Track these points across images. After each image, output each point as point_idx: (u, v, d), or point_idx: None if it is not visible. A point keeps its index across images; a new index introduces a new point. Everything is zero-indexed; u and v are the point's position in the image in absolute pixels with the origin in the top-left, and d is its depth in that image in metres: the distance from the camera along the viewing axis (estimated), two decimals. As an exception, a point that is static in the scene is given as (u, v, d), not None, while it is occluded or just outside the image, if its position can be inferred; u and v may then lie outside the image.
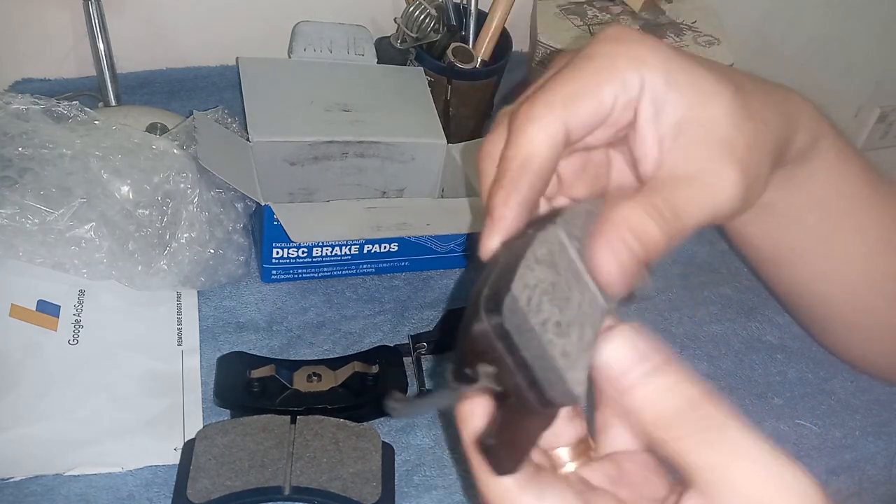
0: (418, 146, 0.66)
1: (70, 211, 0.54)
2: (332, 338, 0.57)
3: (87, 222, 0.54)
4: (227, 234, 0.58)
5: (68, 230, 0.54)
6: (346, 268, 0.61)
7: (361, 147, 0.65)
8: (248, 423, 0.48)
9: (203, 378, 0.53)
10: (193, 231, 0.55)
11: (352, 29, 0.73)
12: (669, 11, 0.86)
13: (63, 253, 0.54)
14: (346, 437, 0.48)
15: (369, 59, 0.72)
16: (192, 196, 0.56)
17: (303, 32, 0.71)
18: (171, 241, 0.55)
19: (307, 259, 0.59)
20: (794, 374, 0.61)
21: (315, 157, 0.64)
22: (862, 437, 0.57)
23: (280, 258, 0.59)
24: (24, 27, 0.73)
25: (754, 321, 0.64)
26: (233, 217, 0.58)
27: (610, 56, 0.31)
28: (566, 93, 0.31)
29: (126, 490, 0.47)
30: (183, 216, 0.55)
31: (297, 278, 0.60)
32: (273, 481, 0.45)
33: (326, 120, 0.65)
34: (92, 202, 0.54)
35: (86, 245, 0.54)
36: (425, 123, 0.68)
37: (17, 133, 0.54)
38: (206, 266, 0.57)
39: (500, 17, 0.74)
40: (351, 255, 0.60)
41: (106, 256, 0.54)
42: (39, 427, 0.49)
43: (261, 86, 0.66)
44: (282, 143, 0.63)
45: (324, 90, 0.67)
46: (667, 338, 0.62)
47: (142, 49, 0.77)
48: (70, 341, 0.53)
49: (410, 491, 0.49)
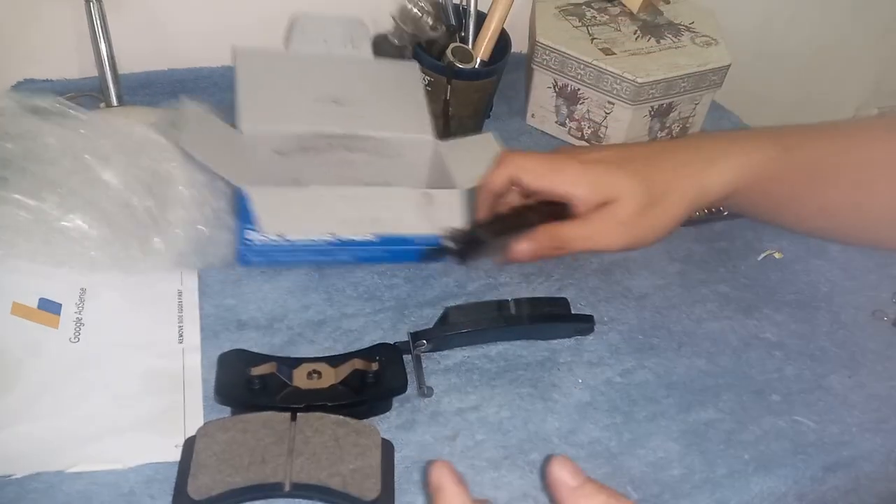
0: (406, 141, 0.66)
1: (60, 201, 0.54)
2: (333, 335, 0.58)
3: (77, 211, 0.54)
4: (214, 212, 0.59)
5: (59, 220, 0.54)
6: (323, 254, 0.62)
7: (349, 140, 0.65)
8: (248, 420, 0.48)
9: (204, 375, 0.53)
10: (183, 209, 0.57)
11: (349, 23, 0.73)
12: (667, 12, 0.86)
13: (57, 244, 0.54)
14: (346, 433, 0.48)
15: (365, 52, 0.72)
16: (180, 177, 0.57)
17: (300, 25, 0.72)
18: (162, 220, 0.56)
19: (284, 243, 0.60)
20: (791, 371, 0.61)
21: (303, 147, 0.64)
22: (859, 433, 0.57)
23: (255, 241, 0.59)
24: (27, 28, 0.74)
25: (752, 318, 0.65)
26: (219, 197, 0.59)
27: (562, 169, 0.57)
28: (526, 170, 0.58)
29: (127, 486, 0.47)
30: (172, 196, 0.56)
31: (273, 262, 0.61)
32: (273, 477, 0.46)
33: (316, 112, 0.65)
34: (80, 191, 0.54)
35: (78, 234, 0.55)
36: (415, 119, 0.68)
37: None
38: (197, 244, 0.58)
39: (499, 17, 0.74)
40: (328, 242, 0.60)
41: (98, 243, 0.55)
42: (41, 424, 0.49)
43: (254, 76, 0.67)
44: (270, 133, 0.63)
45: (317, 82, 0.68)
46: (665, 335, 0.62)
47: (143, 49, 0.77)
48: (71, 339, 0.54)
49: (410, 488, 0.49)
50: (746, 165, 0.57)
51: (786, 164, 0.57)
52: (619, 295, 0.65)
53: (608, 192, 0.56)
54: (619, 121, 0.78)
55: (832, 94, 1.28)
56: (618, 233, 0.56)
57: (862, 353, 0.64)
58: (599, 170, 0.57)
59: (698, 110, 0.83)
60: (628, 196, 0.56)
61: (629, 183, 0.56)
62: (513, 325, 0.57)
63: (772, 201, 0.60)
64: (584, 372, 0.58)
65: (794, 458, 0.55)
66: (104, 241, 0.55)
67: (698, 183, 0.57)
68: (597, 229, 0.56)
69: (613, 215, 0.56)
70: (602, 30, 0.81)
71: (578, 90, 0.79)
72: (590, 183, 0.56)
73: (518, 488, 0.50)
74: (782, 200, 0.59)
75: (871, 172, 0.57)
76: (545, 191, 0.58)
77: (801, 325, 0.65)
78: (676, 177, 0.57)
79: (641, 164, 0.58)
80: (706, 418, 0.57)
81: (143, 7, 0.76)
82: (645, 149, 0.60)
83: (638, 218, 0.56)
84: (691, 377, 0.59)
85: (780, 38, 1.15)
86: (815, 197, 0.58)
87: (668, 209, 0.57)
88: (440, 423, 0.53)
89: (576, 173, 0.57)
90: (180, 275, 0.59)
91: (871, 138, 0.58)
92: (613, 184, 0.56)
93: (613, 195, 0.56)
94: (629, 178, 0.57)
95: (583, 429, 0.54)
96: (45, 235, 0.54)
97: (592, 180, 0.57)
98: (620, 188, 0.56)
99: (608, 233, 0.56)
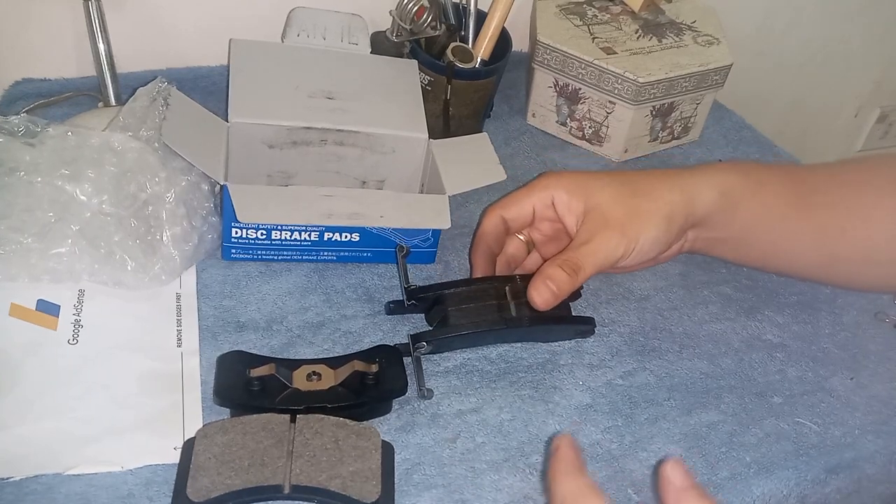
0: (398, 139, 0.66)
1: (43, 232, 0.54)
2: (332, 337, 0.58)
3: (63, 240, 0.54)
4: (202, 218, 0.59)
5: (46, 251, 0.54)
6: (307, 253, 0.61)
7: (340, 135, 0.65)
8: (247, 422, 0.48)
9: (203, 377, 0.53)
10: (176, 227, 0.57)
11: (347, 17, 0.72)
12: (669, 11, 0.86)
13: (48, 272, 0.55)
14: (345, 435, 0.48)
15: (363, 48, 0.71)
16: (168, 196, 0.57)
17: (297, 18, 0.71)
18: (158, 244, 0.57)
19: (266, 241, 0.60)
20: (793, 373, 0.61)
21: (293, 141, 0.64)
22: (861, 435, 0.57)
23: (239, 238, 0.59)
24: (25, 27, 0.73)
25: (754, 320, 0.65)
26: (204, 199, 0.60)
27: (535, 184, 0.60)
28: (506, 201, 0.61)
29: (126, 489, 0.47)
30: (163, 217, 0.57)
31: (257, 259, 0.61)
32: (273, 480, 0.46)
33: (308, 106, 0.65)
34: (64, 218, 0.54)
35: (67, 260, 0.55)
36: (409, 116, 0.67)
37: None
38: (190, 255, 0.59)
39: (499, 16, 0.74)
40: (311, 241, 0.60)
41: (88, 268, 0.55)
42: (39, 426, 0.49)
43: (248, 68, 0.66)
44: (259, 126, 0.63)
45: (311, 76, 0.67)
46: (667, 337, 0.62)
47: (142, 49, 0.77)
48: (70, 341, 0.53)
49: (410, 490, 0.49)
50: (727, 182, 0.59)
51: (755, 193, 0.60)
52: (620, 297, 0.65)
53: (586, 191, 0.58)
54: (620, 120, 0.78)
55: (833, 94, 1.28)
56: (611, 233, 0.56)
57: (864, 355, 0.63)
58: (575, 173, 0.60)
59: (700, 110, 0.83)
60: (607, 189, 0.57)
61: (605, 179, 0.59)
62: (513, 327, 0.57)
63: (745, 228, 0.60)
64: (584, 374, 0.58)
65: (796, 460, 0.55)
66: (92, 265, 0.55)
67: (680, 185, 0.58)
68: (593, 237, 0.56)
69: (600, 215, 0.57)
70: (603, 29, 0.81)
71: (579, 90, 0.78)
72: (565, 186, 0.59)
73: (519, 491, 0.50)
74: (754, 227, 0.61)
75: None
76: (525, 208, 0.60)
77: (803, 327, 0.65)
78: (658, 177, 0.59)
79: (616, 173, 0.61)
80: (708, 420, 0.56)
81: (142, 6, 0.76)
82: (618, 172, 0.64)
83: (625, 210, 0.56)
84: (693, 379, 0.59)
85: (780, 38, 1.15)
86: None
87: (655, 200, 0.57)
88: (440, 425, 0.53)
89: (549, 181, 0.60)
90: (178, 276, 0.59)
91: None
92: (589, 184, 0.58)
93: (593, 192, 0.57)
94: (604, 176, 0.60)
95: (584, 431, 0.54)
96: (31, 270, 0.55)
97: (568, 182, 0.59)
98: (596, 184, 0.58)
99: (605, 237, 0.56)
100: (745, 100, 0.95)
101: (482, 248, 0.59)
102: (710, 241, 0.62)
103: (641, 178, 0.60)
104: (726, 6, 0.90)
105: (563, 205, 0.59)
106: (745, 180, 0.60)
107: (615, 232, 0.56)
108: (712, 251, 0.64)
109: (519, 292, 0.57)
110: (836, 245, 0.60)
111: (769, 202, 0.60)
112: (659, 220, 0.57)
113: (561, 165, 0.79)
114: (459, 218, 0.68)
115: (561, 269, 0.55)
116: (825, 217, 0.60)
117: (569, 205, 0.58)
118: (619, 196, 0.57)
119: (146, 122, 0.59)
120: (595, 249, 0.56)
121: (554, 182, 0.59)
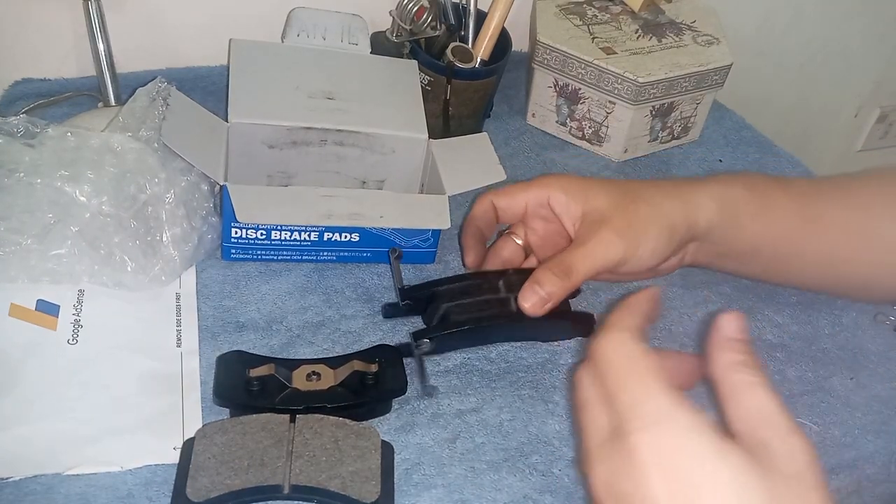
0: (398, 139, 0.66)
1: (43, 233, 0.54)
2: (332, 336, 0.58)
3: (62, 241, 0.54)
4: (202, 218, 0.60)
5: (46, 252, 0.54)
6: (306, 253, 0.62)
7: (340, 136, 0.65)
8: (247, 422, 0.48)
9: (202, 377, 0.53)
10: (175, 228, 0.57)
11: (347, 17, 0.72)
12: (669, 11, 0.86)
13: (48, 273, 0.55)
14: (345, 435, 0.48)
15: (363, 48, 0.71)
16: (168, 196, 0.57)
17: (298, 18, 0.71)
18: (157, 245, 0.57)
19: (266, 241, 0.60)
20: (793, 373, 0.61)
21: (293, 141, 0.64)
22: (861, 435, 0.57)
23: (239, 238, 0.59)
24: (24, 27, 0.73)
25: (753, 320, 0.64)
26: (203, 199, 0.60)
27: (534, 181, 0.60)
28: (500, 190, 0.61)
29: (125, 489, 0.47)
30: (163, 218, 0.57)
31: (256, 259, 0.61)
32: (272, 480, 0.46)
33: (308, 106, 0.65)
34: (64, 220, 0.54)
35: (67, 261, 0.55)
36: (409, 116, 0.67)
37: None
38: (190, 255, 0.59)
39: (499, 16, 0.74)
40: (310, 241, 0.60)
41: (88, 269, 0.55)
42: (39, 426, 0.49)
43: (248, 68, 0.66)
44: (259, 126, 0.63)
45: (311, 76, 0.67)
46: (666, 336, 0.62)
47: (142, 49, 0.77)
48: (69, 341, 0.53)
49: (410, 490, 0.49)
50: (730, 194, 0.58)
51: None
52: (620, 296, 0.65)
53: (585, 194, 0.57)
54: (620, 120, 0.78)
55: (833, 94, 1.27)
56: (608, 236, 0.55)
57: (864, 356, 0.63)
58: (576, 177, 0.60)
59: (700, 110, 0.83)
60: (606, 194, 0.57)
61: (605, 185, 0.58)
62: (514, 323, 0.57)
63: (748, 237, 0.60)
64: (584, 373, 0.58)
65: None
66: (92, 267, 0.55)
67: (681, 195, 0.57)
68: (589, 239, 0.55)
69: (598, 218, 0.56)
70: (603, 29, 0.81)
71: (579, 90, 0.78)
72: (564, 188, 0.58)
73: (518, 491, 0.50)
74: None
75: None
76: (517, 200, 0.59)
77: (802, 327, 0.65)
78: (659, 186, 0.59)
79: (617, 181, 0.61)
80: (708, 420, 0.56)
81: (142, 6, 0.76)
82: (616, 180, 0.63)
83: (624, 215, 0.55)
84: (692, 379, 0.59)
85: (780, 38, 1.15)
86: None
87: (656, 208, 0.56)
88: (440, 425, 0.53)
89: (548, 181, 0.59)
90: (178, 276, 0.59)
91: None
92: (589, 188, 0.58)
93: (592, 196, 0.57)
94: (604, 181, 0.59)
95: (583, 431, 0.54)
96: (30, 271, 0.55)
97: (567, 184, 0.58)
98: (596, 188, 0.57)
99: (600, 239, 0.55)
100: (745, 100, 0.95)
101: (471, 230, 0.60)
102: (712, 255, 0.61)
103: (642, 186, 0.59)
104: (726, 6, 0.90)
105: (561, 206, 0.58)
106: (749, 194, 0.58)
107: (612, 235, 0.55)
108: (714, 265, 0.63)
109: (513, 286, 0.56)
110: (843, 265, 0.60)
111: (775, 218, 0.59)
112: (660, 228, 0.56)
113: (561, 165, 0.79)
114: (459, 218, 0.67)
115: (550, 272, 0.54)
116: (832, 239, 0.59)
117: (567, 207, 0.58)
118: (619, 202, 0.56)
119: (146, 123, 0.59)
120: (589, 252, 0.54)
121: (553, 182, 0.59)
